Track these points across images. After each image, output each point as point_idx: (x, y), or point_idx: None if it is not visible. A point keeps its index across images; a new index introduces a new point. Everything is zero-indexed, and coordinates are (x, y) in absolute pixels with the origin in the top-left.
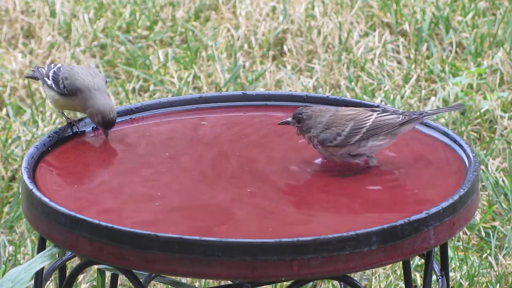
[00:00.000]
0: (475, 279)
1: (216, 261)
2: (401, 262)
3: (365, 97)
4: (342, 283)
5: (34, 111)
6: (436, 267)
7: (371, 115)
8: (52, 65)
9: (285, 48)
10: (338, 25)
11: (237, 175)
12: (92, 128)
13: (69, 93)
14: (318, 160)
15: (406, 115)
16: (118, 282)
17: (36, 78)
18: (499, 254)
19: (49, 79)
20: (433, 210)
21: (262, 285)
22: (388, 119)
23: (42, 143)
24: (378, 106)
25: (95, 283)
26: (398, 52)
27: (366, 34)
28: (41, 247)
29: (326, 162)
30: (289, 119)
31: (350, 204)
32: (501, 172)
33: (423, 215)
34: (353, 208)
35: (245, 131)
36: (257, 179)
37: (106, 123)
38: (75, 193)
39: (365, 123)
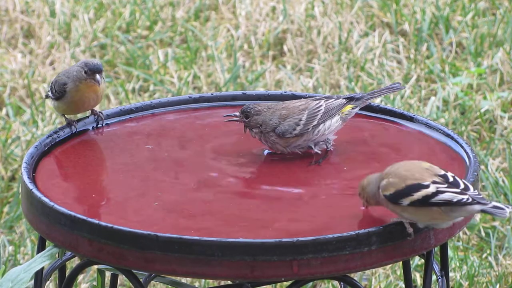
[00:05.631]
0: (475, 279)
1: (216, 261)
2: (401, 262)
3: None
4: (342, 283)
5: (34, 111)
6: (436, 267)
7: (319, 102)
8: None
9: (285, 48)
10: (338, 25)
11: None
12: (92, 127)
13: (60, 94)
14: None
15: (348, 98)
16: (118, 282)
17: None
18: (499, 254)
19: (49, 92)
20: None
21: (262, 285)
22: (337, 102)
23: (42, 143)
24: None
25: (95, 283)
26: (398, 52)
27: (366, 34)
28: (41, 247)
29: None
30: (236, 113)
31: (350, 204)
32: (501, 172)
33: None
34: (353, 207)
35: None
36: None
37: (92, 67)
38: (75, 193)
39: (319, 109)
